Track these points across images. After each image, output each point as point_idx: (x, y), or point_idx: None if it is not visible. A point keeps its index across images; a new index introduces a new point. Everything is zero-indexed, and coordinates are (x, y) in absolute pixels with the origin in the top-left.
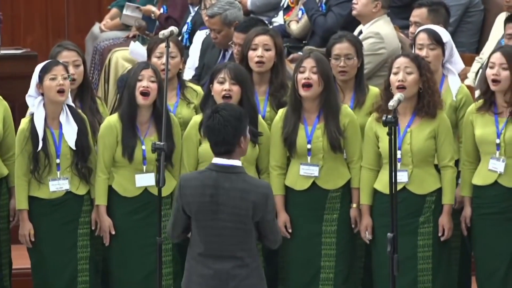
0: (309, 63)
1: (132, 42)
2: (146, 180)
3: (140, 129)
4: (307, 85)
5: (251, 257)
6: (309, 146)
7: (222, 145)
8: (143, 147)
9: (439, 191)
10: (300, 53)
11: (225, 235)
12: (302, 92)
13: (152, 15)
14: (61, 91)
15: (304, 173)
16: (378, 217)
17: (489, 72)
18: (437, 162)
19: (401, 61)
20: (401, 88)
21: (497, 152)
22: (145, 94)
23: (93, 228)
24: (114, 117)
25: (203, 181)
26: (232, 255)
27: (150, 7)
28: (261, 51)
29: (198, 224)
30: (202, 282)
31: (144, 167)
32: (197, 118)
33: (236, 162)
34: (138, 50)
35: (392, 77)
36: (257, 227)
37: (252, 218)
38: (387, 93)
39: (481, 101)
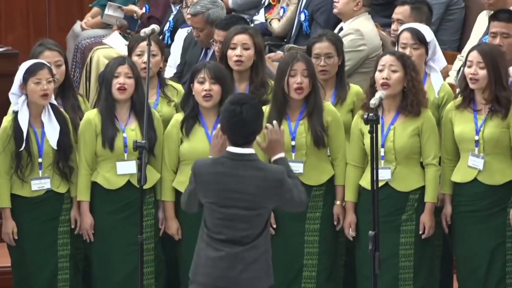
0: (300, 66)
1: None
2: (127, 167)
3: (120, 120)
4: (300, 89)
5: (261, 240)
6: (293, 143)
7: (247, 137)
8: (124, 134)
9: (423, 189)
10: (279, 52)
11: (238, 221)
12: (295, 96)
13: (134, 14)
14: (45, 95)
15: None
16: (363, 214)
17: (467, 71)
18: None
19: (387, 58)
20: (385, 85)
21: (476, 149)
22: (121, 89)
23: (72, 226)
24: (93, 111)
25: (218, 168)
26: (242, 240)
27: (132, 7)
28: (240, 50)
29: (212, 209)
30: (211, 264)
31: (126, 155)
32: (178, 116)
33: (251, 150)
34: (114, 38)
35: (377, 74)
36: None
37: (267, 203)
38: (372, 90)
39: (460, 98)
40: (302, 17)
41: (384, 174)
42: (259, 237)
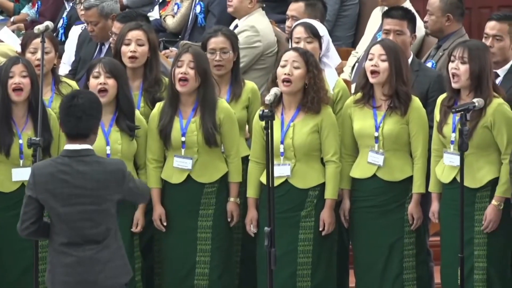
0: (186, 57)
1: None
2: (22, 174)
3: (17, 123)
4: (184, 80)
5: (111, 238)
6: (183, 139)
7: (79, 128)
8: (20, 141)
9: (323, 186)
10: (173, 48)
11: (84, 220)
12: (179, 87)
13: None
14: None
15: (177, 165)
16: (263, 209)
17: (368, 64)
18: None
19: (290, 54)
20: (286, 81)
21: (376, 145)
22: (17, 90)
23: None
24: None
25: (57, 167)
26: (93, 240)
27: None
28: (134, 46)
29: (56, 211)
30: (68, 272)
31: (21, 161)
32: None
33: (88, 146)
34: (5, 33)
35: (279, 69)
36: (124, 200)
37: (112, 196)
38: (274, 85)
39: (359, 94)
40: (198, 9)
41: (284, 171)
42: (108, 234)
